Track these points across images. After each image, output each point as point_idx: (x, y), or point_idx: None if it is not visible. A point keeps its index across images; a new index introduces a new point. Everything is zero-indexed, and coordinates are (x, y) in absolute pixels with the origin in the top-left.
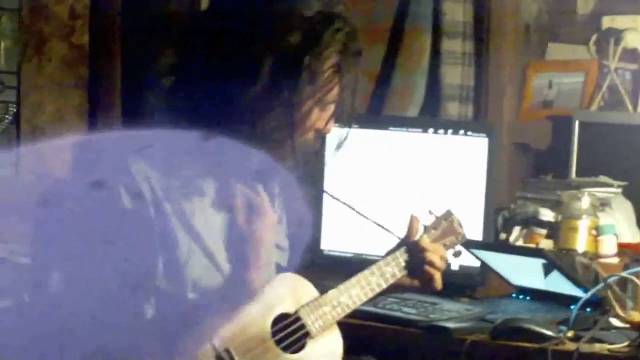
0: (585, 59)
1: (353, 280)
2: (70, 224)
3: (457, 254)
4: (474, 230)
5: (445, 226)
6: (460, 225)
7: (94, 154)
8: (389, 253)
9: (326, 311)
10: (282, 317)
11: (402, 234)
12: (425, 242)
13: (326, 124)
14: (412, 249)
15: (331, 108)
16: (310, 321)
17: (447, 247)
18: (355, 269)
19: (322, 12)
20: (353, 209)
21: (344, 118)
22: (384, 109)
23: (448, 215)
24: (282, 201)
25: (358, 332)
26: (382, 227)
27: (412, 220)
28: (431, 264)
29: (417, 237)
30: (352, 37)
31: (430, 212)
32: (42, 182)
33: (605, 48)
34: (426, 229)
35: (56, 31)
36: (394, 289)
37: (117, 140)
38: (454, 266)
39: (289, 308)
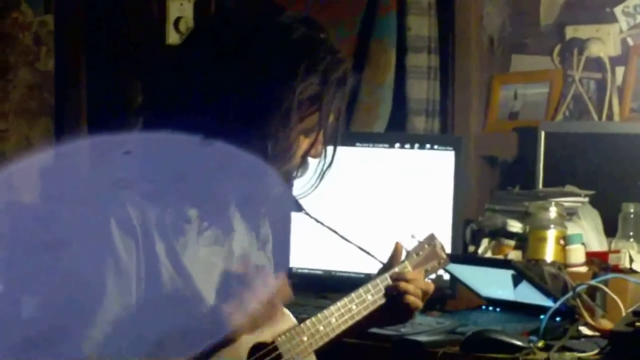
0: (550, 69)
1: (332, 308)
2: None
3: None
4: (443, 243)
5: (428, 251)
6: (443, 249)
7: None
8: (369, 280)
9: (304, 340)
10: (259, 346)
11: (385, 259)
12: (407, 269)
13: (312, 148)
14: (393, 276)
15: (317, 133)
16: (288, 350)
17: (428, 272)
18: (325, 286)
19: (301, 41)
20: (336, 232)
21: (331, 142)
22: (351, 125)
23: (431, 239)
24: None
25: (329, 347)
26: (366, 252)
27: (396, 247)
28: (412, 292)
29: (399, 264)
30: (333, 67)
31: (413, 237)
32: (11, 209)
33: (569, 58)
34: (408, 254)
35: (21, 58)
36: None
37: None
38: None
39: (266, 337)
